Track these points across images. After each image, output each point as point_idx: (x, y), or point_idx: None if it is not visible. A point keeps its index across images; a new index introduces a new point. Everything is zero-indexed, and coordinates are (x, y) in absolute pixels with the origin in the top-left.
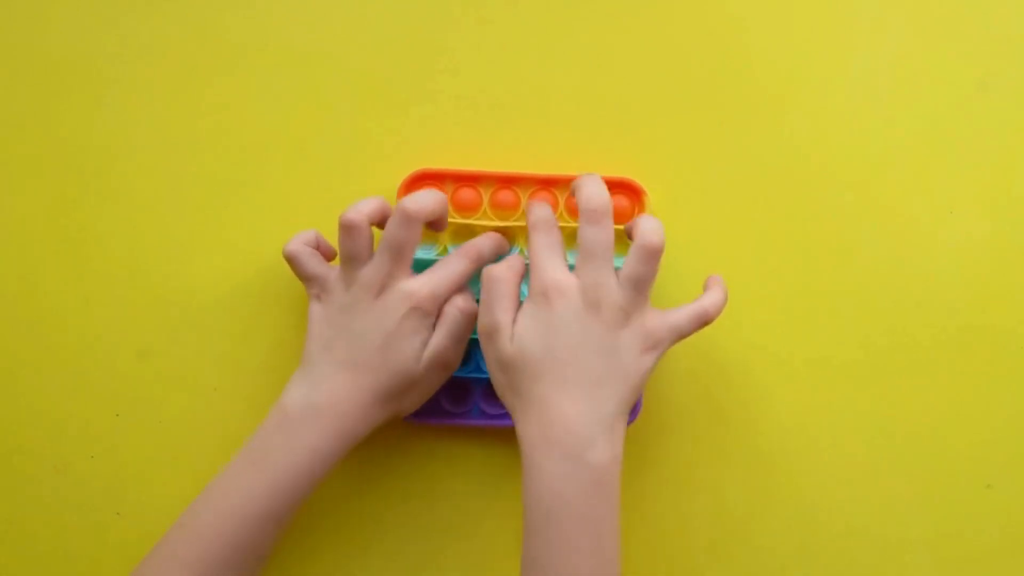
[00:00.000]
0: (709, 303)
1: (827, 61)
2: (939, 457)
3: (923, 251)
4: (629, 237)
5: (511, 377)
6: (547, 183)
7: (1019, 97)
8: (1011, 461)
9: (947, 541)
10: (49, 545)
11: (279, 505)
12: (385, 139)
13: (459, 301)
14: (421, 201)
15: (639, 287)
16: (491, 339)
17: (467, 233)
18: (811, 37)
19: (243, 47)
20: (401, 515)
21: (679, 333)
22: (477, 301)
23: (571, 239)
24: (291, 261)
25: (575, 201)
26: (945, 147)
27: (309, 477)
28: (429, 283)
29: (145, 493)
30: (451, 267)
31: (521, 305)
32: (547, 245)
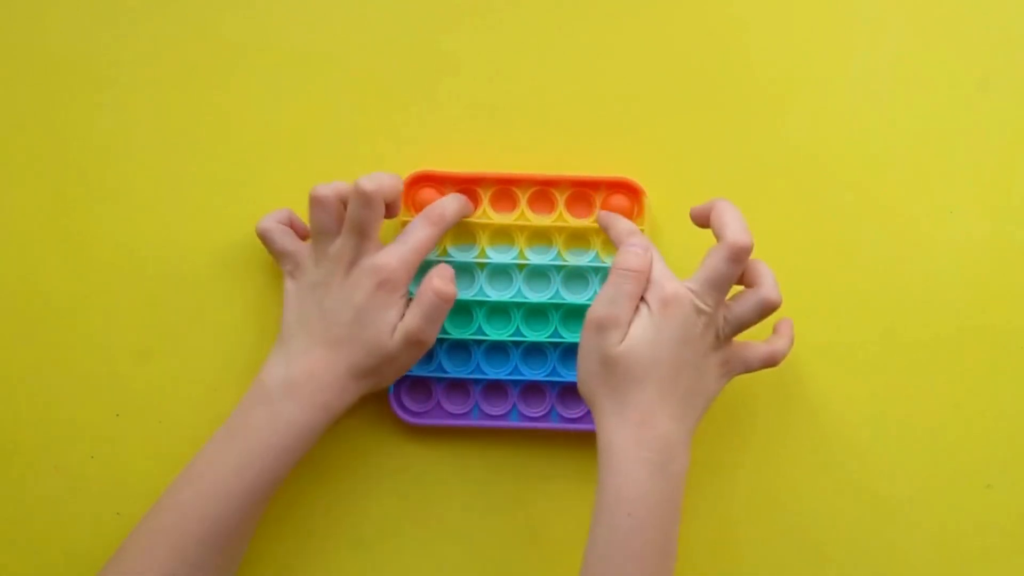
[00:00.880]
0: (779, 349)
1: (827, 61)
2: (939, 457)
3: (923, 251)
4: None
5: (611, 376)
6: (547, 184)
7: (1019, 97)
8: (1011, 461)
9: (947, 541)
10: (49, 545)
11: (259, 479)
12: (385, 140)
13: (436, 282)
14: (377, 180)
15: (721, 287)
16: (602, 331)
17: (467, 234)
18: (811, 37)
19: (243, 47)
20: (401, 515)
21: (747, 368)
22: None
23: (572, 239)
24: (263, 237)
25: (709, 223)
26: (945, 147)
27: (288, 451)
28: (396, 255)
29: (145, 493)
30: (417, 235)
31: (636, 309)
32: (659, 258)
